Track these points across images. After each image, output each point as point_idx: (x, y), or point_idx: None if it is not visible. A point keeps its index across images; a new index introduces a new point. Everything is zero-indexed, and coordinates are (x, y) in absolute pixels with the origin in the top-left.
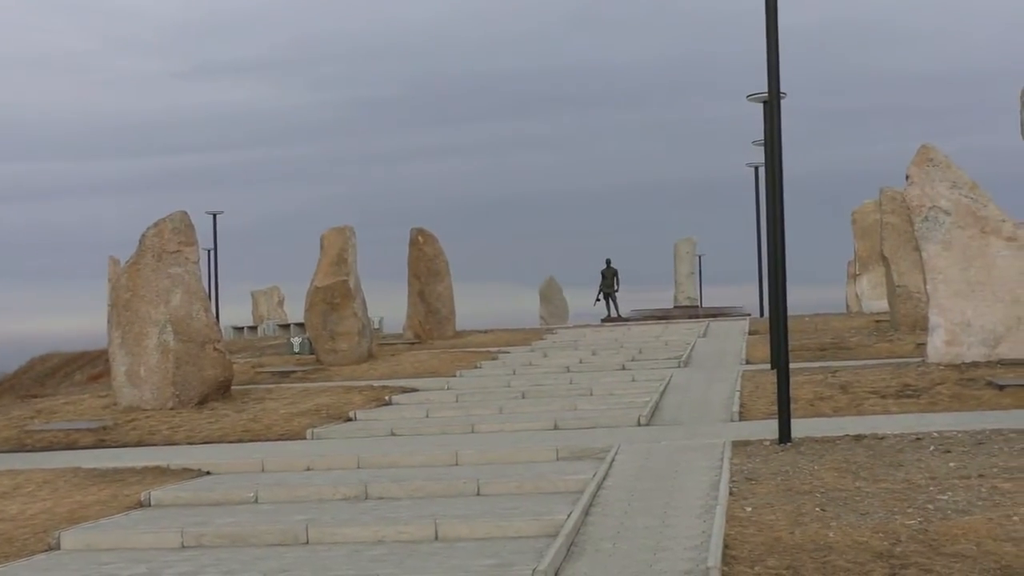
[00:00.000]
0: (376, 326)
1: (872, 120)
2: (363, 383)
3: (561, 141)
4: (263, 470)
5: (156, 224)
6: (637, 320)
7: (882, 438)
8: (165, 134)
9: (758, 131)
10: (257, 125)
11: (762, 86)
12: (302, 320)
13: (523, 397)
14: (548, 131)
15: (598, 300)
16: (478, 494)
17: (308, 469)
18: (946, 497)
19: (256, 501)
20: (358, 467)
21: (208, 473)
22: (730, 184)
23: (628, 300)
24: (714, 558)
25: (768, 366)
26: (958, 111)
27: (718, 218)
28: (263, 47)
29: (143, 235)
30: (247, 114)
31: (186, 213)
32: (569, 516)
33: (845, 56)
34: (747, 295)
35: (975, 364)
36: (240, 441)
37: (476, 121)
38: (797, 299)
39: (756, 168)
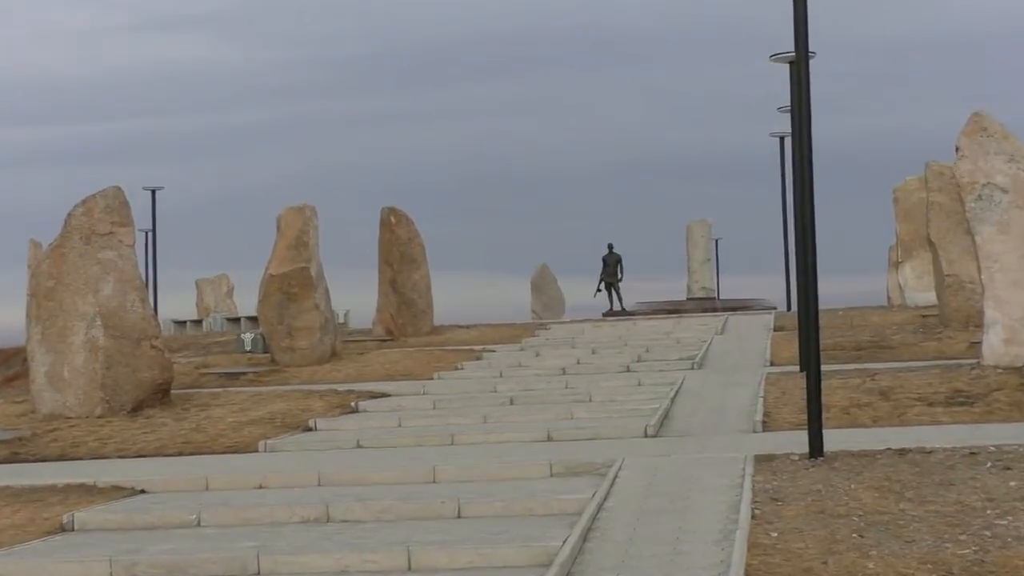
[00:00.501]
0: (341, 320)
1: (916, 85)
2: (325, 387)
3: (556, 108)
4: (207, 488)
5: (84, 202)
6: (644, 314)
7: (930, 452)
8: (98, 96)
9: (783, 97)
10: (205, 87)
11: (788, 45)
12: (255, 313)
13: (511, 404)
14: (541, 96)
15: (599, 291)
16: (458, 516)
17: (260, 487)
18: (1005, 522)
19: (198, 524)
20: (319, 484)
21: (143, 492)
22: (751, 157)
23: (633, 291)
24: None
25: (796, 368)
26: (1016, 75)
27: (737, 196)
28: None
29: (69, 214)
30: (194, 74)
31: (120, 189)
32: (565, 543)
33: (883, 10)
34: (772, 286)
35: None
36: (181, 454)
37: (458, 84)
38: (830, 290)
39: (781, 139)
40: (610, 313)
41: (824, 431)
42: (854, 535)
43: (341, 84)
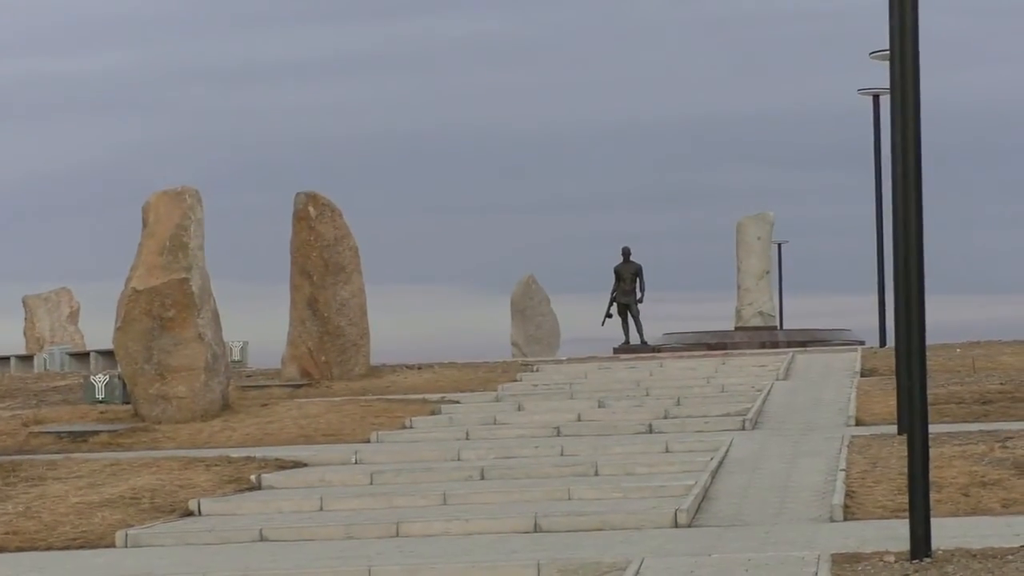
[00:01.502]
0: (236, 358)
1: None
2: (214, 453)
3: (549, 51)
4: None
5: None
6: (674, 350)
7: None
8: None
9: (880, 38)
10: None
11: None
12: (110, 346)
13: (482, 478)
14: (526, 35)
15: (609, 316)
16: None
17: None
18: None
19: None
20: None
21: None
22: (831, 124)
23: (659, 317)
24: None
25: (893, 429)
26: None
27: (810, 181)
28: None
29: None
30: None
31: None
32: None
33: None
34: (859, 311)
35: None
36: (3, 550)
37: (400, 17)
38: (945, 317)
39: (875, 97)
40: (625, 348)
41: (933, 520)
42: None
43: (232, 17)
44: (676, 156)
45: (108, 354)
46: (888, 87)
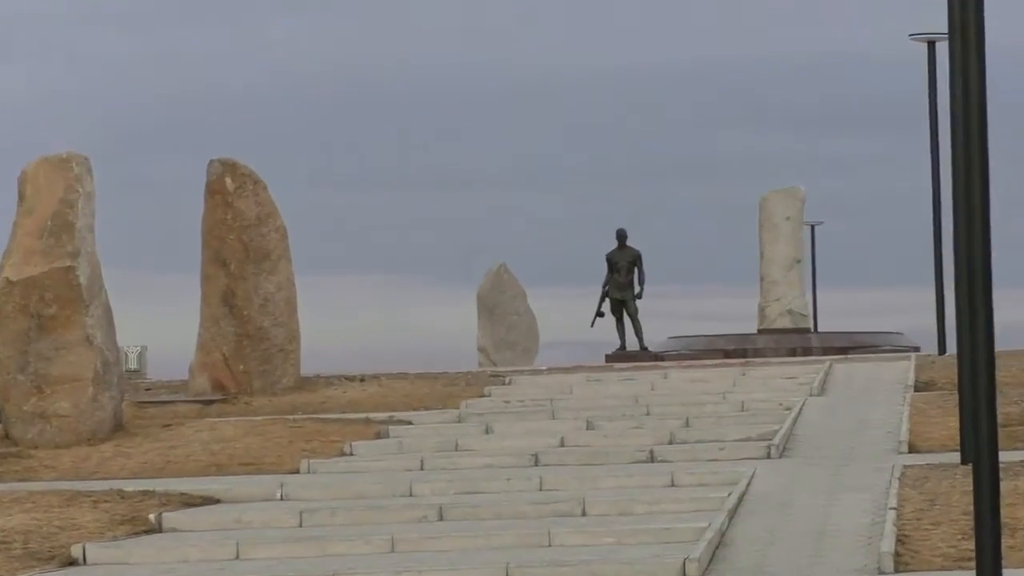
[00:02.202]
0: (133, 366)
1: None
2: (103, 485)
3: None
4: None
5: None
6: (682, 358)
7: None
8: None
9: None
10: None
11: None
12: None
13: (440, 519)
14: None
15: (601, 315)
16: None
17: None
18: None
19: None
20: None
21: None
22: (876, 76)
23: (662, 316)
24: None
25: (955, 458)
26: None
27: (850, 147)
28: None
29: None
30: None
31: None
32: None
33: None
34: (911, 309)
35: None
36: None
37: None
38: (1019, 317)
39: (930, 44)
40: (620, 355)
41: (1005, 571)
42: None
43: None
44: (681, 114)
45: None
46: (946, 31)
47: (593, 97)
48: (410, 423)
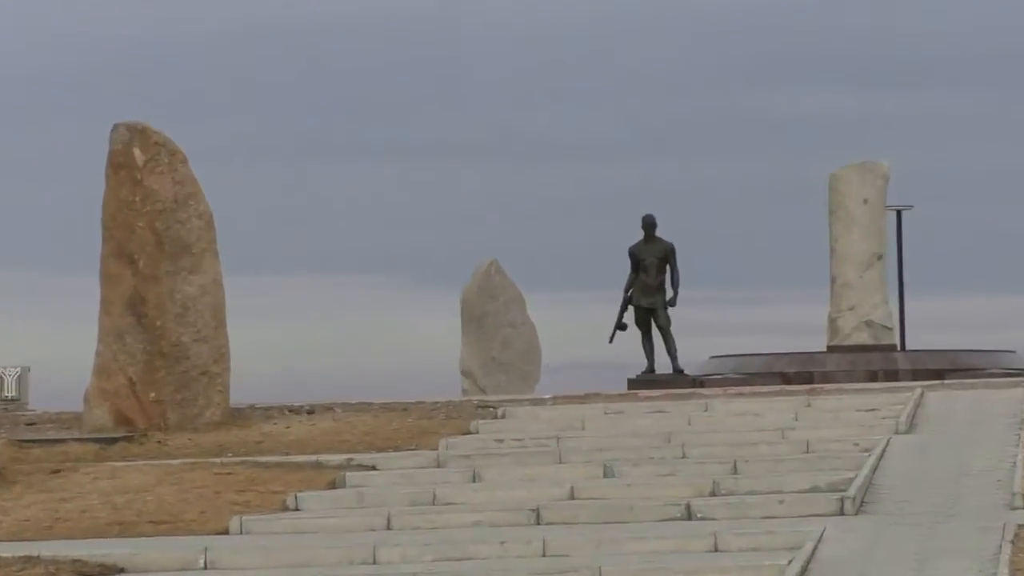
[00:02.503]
0: (11, 393)
1: None
2: None
3: None
4: None
5: None
6: (726, 383)
7: None
8: None
9: None
10: None
11: None
12: None
13: None
14: None
15: (622, 328)
16: None
17: None
18: None
19: None
20: None
21: None
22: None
23: (701, 329)
24: None
25: None
26: None
27: (946, 109)
28: None
29: None
30: None
31: None
32: None
33: None
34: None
35: None
36: None
37: None
38: None
39: None
40: (648, 379)
41: None
42: None
43: None
44: (726, 70)
45: None
46: None
47: (616, 56)
48: (374, 468)
